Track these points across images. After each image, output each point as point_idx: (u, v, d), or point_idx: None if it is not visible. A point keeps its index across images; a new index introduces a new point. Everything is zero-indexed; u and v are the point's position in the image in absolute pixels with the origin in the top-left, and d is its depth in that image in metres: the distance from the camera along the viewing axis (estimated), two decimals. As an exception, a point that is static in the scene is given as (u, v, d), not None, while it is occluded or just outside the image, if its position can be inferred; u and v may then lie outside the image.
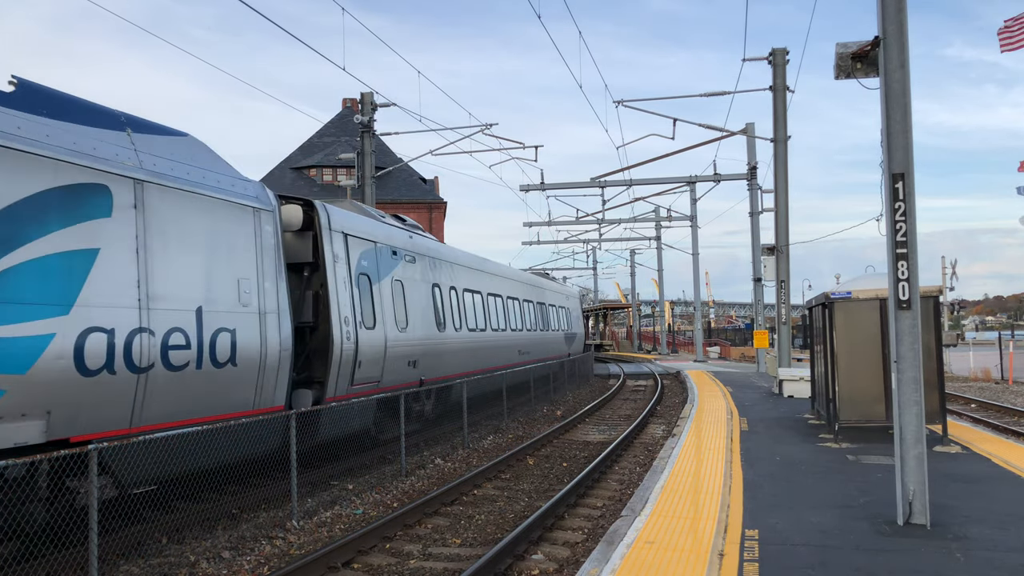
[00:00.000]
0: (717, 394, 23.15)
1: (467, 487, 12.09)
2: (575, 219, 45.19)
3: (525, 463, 14.61)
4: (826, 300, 13.53)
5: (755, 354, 35.27)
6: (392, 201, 48.00)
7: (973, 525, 7.71)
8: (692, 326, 65.63)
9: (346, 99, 55.21)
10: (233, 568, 8.31)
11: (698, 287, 50.48)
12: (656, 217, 52.77)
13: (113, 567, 8.27)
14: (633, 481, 12.68)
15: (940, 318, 13.69)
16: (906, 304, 7.74)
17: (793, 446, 13.00)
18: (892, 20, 7.85)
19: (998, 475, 10.26)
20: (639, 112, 33.45)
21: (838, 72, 8.60)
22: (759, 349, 33.44)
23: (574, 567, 8.00)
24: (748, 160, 32.60)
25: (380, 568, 8.35)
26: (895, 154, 7.80)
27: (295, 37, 16.99)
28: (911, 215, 7.75)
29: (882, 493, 9.15)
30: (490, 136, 26.38)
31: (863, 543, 7.18)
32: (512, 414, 21.20)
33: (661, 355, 61.96)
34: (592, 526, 10.04)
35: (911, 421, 7.72)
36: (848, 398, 13.11)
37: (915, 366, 7.71)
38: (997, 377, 35.18)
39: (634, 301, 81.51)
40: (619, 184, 34.11)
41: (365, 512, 10.84)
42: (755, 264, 31.58)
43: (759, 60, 26.49)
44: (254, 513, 10.62)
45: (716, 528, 7.78)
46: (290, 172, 50.29)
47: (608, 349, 70.85)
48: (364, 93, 25.71)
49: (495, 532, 9.80)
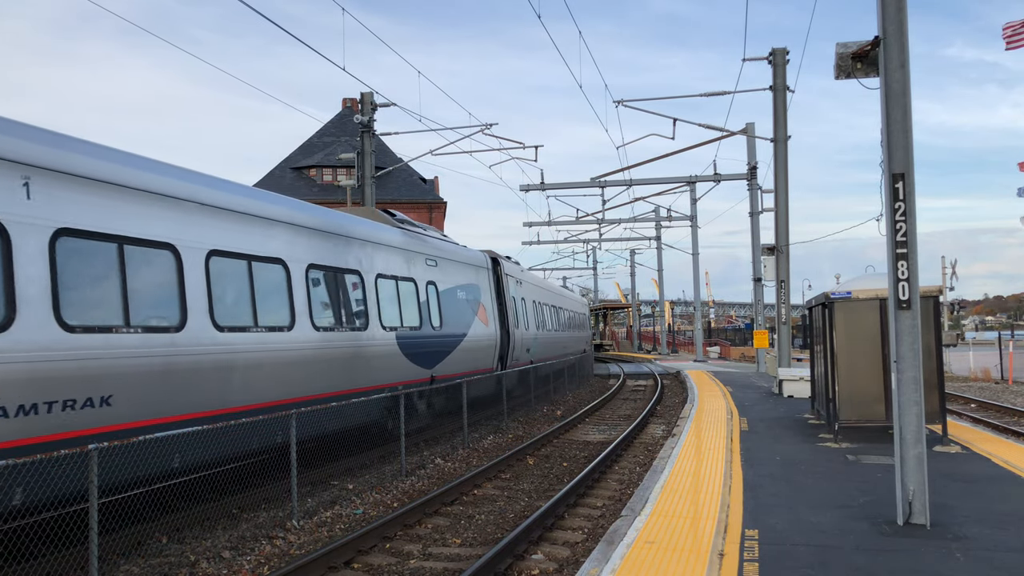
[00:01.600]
0: (717, 394, 23.15)
1: (467, 487, 12.10)
2: (575, 219, 45.19)
3: (525, 463, 14.62)
4: (826, 300, 13.53)
5: (755, 354, 35.26)
6: (392, 201, 47.98)
7: (973, 525, 7.71)
8: (692, 326, 65.65)
9: (346, 99, 55.22)
10: (233, 568, 8.31)
11: (698, 287, 50.51)
12: (656, 217, 52.79)
13: (113, 567, 8.27)
14: (633, 481, 12.68)
15: (940, 318, 13.69)
16: (906, 304, 7.74)
17: (793, 446, 13.00)
18: (892, 20, 7.85)
19: (998, 475, 10.26)
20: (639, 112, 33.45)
21: (838, 72, 8.60)
22: (759, 349, 33.45)
23: (574, 567, 8.00)
24: (748, 160, 32.60)
25: (380, 568, 8.36)
26: (895, 154, 7.80)
27: (295, 37, 16.99)
28: (911, 215, 7.75)
29: (882, 493, 9.15)
30: (490, 136, 26.38)
31: (863, 543, 7.18)
32: (512, 414, 21.21)
33: (661, 355, 61.97)
34: (592, 526, 10.04)
35: (911, 421, 7.72)
36: (848, 398, 13.11)
37: (915, 366, 7.71)
38: (997, 377, 35.19)
39: (634, 301, 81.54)
40: (619, 184, 34.12)
41: (365, 512, 10.84)
42: (755, 264, 31.57)
43: (759, 60, 26.51)
44: (254, 513, 10.62)
45: (716, 528, 7.78)
46: (290, 172, 50.28)
47: (608, 349, 70.89)
48: (364, 93, 25.71)
49: (495, 532, 9.80)
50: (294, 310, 11.95)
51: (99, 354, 8.40)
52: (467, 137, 26.58)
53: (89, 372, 8.26)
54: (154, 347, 9.18)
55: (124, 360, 8.72)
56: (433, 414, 17.67)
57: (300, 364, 11.92)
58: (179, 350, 9.55)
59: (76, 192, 8.46)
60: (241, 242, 11.04)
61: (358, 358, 13.77)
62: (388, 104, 25.71)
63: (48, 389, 7.80)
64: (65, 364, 7.98)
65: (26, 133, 8.07)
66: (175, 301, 9.64)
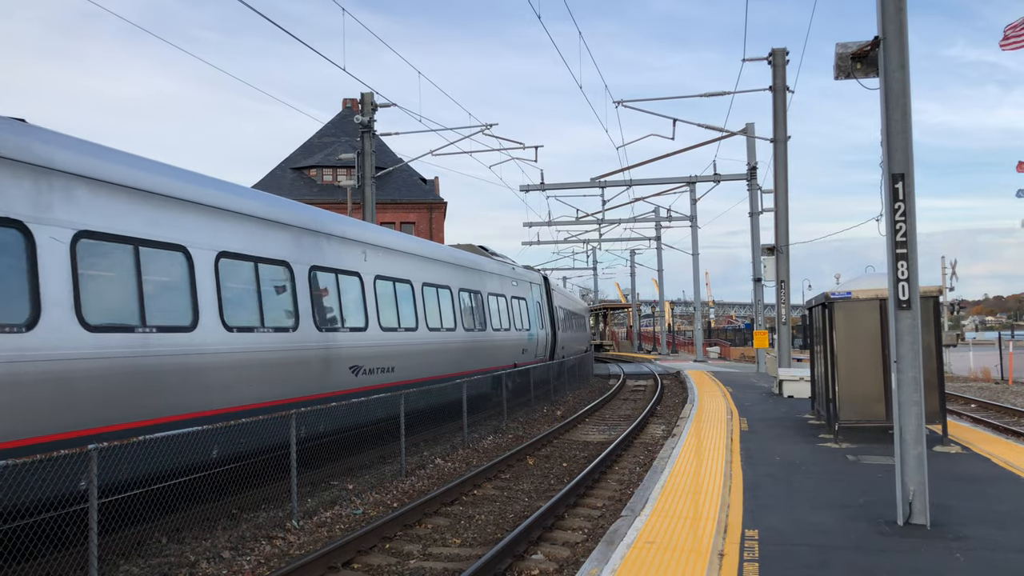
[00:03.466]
0: (717, 394, 23.15)
1: (467, 487, 12.10)
2: (575, 219, 45.19)
3: (525, 463, 14.61)
4: (826, 300, 13.53)
5: (755, 354, 35.27)
6: (392, 201, 48.01)
7: (973, 525, 7.71)
8: (692, 326, 65.63)
9: (346, 99, 55.26)
10: (233, 568, 8.31)
11: (698, 287, 50.50)
12: (656, 217, 52.77)
13: (113, 567, 8.27)
14: (633, 481, 12.68)
15: (940, 318, 13.70)
16: (906, 304, 7.74)
17: (793, 446, 13.00)
18: (892, 20, 7.85)
19: (998, 475, 10.26)
20: (639, 112, 33.50)
21: (838, 72, 8.60)
22: (759, 349, 33.44)
23: (574, 567, 8.00)
24: (748, 160, 32.60)
25: (380, 568, 8.36)
26: (895, 154, 7.80)
27: (295, 38, 17.00)
28: (911, 215, 7.75)
29: (882, 493, 9.15)
30: (490, 136, 26.39)
31: (863, 543, 7.18)
32: (512, 414, 21.20)
33: (661, 355, 61.99)
34: (592, 526, 10.04)
35: (911, 421, 7.72)
36: (848, 398, 13.11)
37: (915, 366, 7.71)
38: (997, 377, 35.21)
39: (634, 301, 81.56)
40: (619, 184, 34.13)
41: (365, 512, 10.84)
42: (755, 264, 31.57)
43: (759, 60, 26.51)
44: (254, 513, 10.62)
45: (716, 528, 7.78)
46: (290, 172, 50.29)
47: (608, 349, 70.90)
48: (364, 93, 25.71)
49: (495, 532, 9.80)
50: (455, 319, 19.54)
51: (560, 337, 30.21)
52: (467, 137, 26.60)
53: (562, 341, 31.38)
54: (564, 337, 29.74)
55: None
56: (514, 390, 23.09)
57: (456, 351, 19.51)
58: (414, 339, 16.73)
59: (564, 297, 34.44)
60: (440, 277, 18.92)
61: (477, 349, 21.26)
62: (388, 104, 25.72)
63: (564, 343, 31.11)
64: (564, 340, 30.72)
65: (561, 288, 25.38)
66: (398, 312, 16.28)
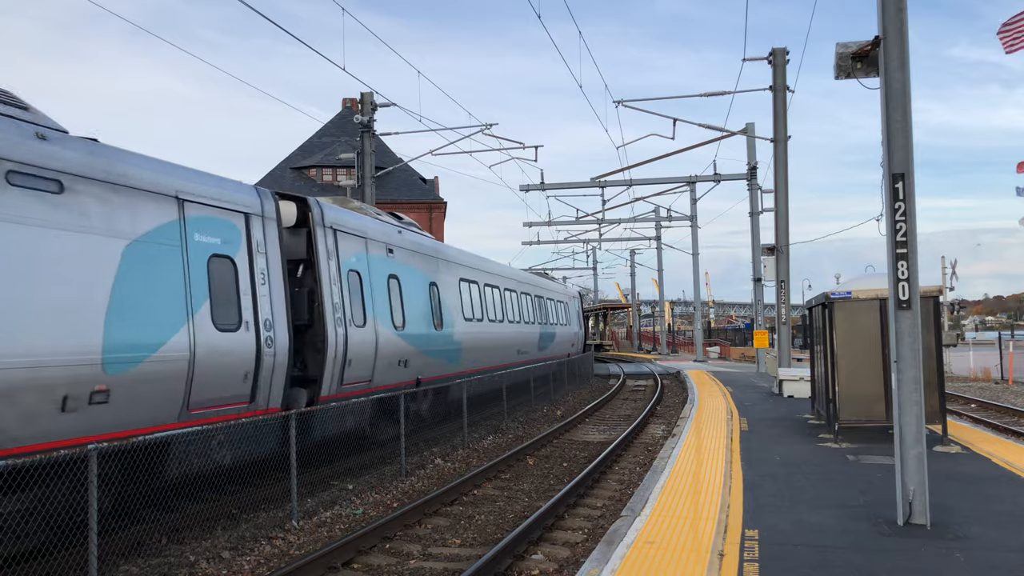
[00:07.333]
0: (717, 394, 23.15)
1: (467, 487, 12.09)
2: (575, 219, 45.18)
3: (525, 463, 14.61)
4: (826, 300, 13.53)
5: (755, 354, 35.26)
6: (392, 201, 47.95)
7: (973, 525, 7.71)
8: (692, 326, 65.59)
9: (346, 99, 55.18)
10: (233, 568, 8.30)
11: (698, 287, 50.49)
12: (656, 217, 52.75)
13: (113, 567, 8.27)
14: (633, 481, 12.68)
15: (940, 318, 13.69)
16: (906, 304, 7.74)
17: (793, 446, 13.00)
18: (892, 20, 7.85)
19: (998, 475, 10.26)
20: (639, 112, 33.43)
21: (838, 72, 8.60)
22: (759, 349, 33.43)
23: (574, 567, 8.00)
24: (748, 160, 32.59)
25: (380, 568, 8.35)
26: (895, 154, 7.80)
27: (296, 38, 17.00)
28: (911, 215, 7.75)
29: (882, 493, 9.15)
30: (490, 136, 26.40)
31: (863, 543, 7.18)
32: (512, 414, 21.20)
33: (661, 355, 61.96)
34: (592, 526, 10.03)
35: (911, 421, 7.72)
36: (848, 398, 13.11)
37: (915, 366, 7.71)
38: (997, 377, 35.18)
39: (634, 301, 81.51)
40: (619, 184, 34.11)
41: (365, 512, 10.84)
42: (755, 264, 31.57)
43: (759, 60, 26.49)
44: (254, 513, 10.61)
45: (716, 528, 7.78)
46: (290, 172, 50.28)
47: (608, 349, 70.83)
48: (364, 93, 25.70)
49: (495, 532, 9.80)
50: (547, 316, 27.98)
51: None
52: (467, 137, 26.61)
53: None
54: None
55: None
56: (558, 376, 27.34)
57: (542, 337, 27.91)
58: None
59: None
60: (550, 294, 30.99)
61: (539, 338, 27.64)
62: (388, 104, 25.71)
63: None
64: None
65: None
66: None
